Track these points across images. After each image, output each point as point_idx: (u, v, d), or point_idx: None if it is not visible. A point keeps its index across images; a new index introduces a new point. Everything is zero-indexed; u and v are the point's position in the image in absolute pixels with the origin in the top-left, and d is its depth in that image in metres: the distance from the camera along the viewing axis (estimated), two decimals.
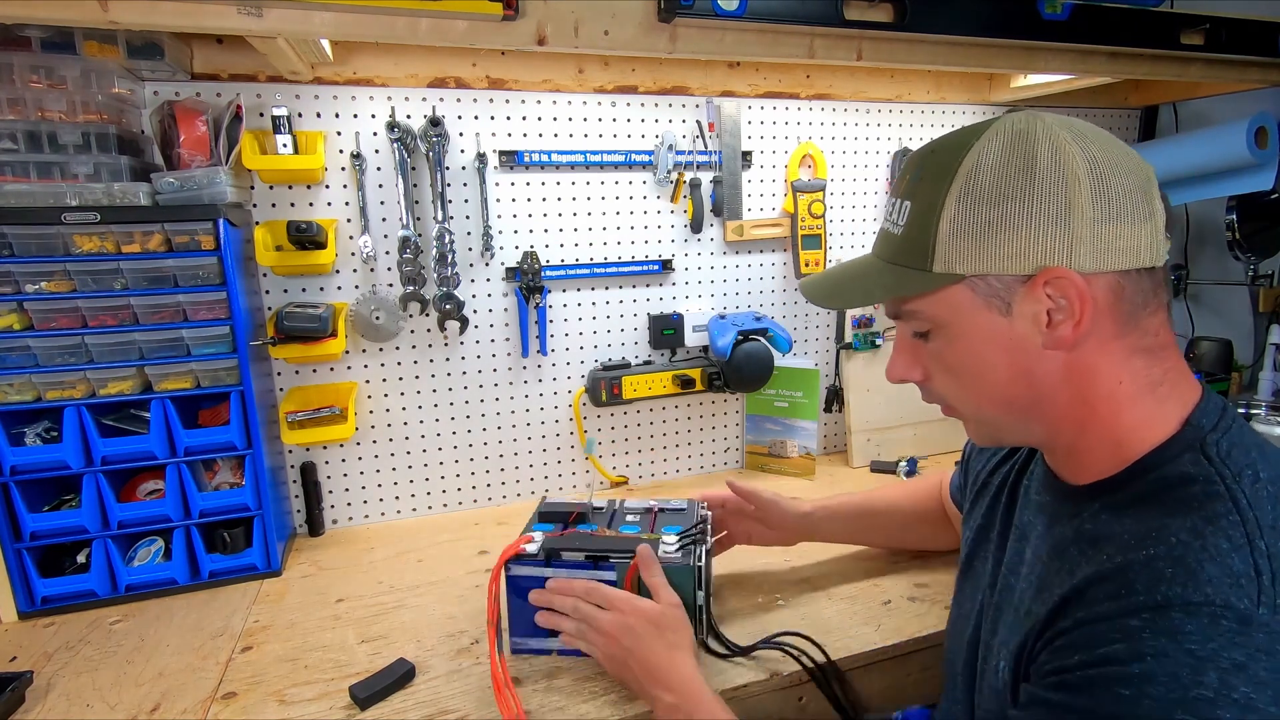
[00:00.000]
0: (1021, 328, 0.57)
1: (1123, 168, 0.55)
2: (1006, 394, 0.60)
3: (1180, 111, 1.85)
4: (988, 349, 0.59)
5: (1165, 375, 0.58)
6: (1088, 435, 0.59)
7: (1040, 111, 0.58)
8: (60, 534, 1.05)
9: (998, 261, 0.56)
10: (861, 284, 0.65)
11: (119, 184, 1.03)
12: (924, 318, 0.61)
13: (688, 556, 0.89)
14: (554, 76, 1.34)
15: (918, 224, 0.59)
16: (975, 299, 0.57)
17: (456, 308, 1.31)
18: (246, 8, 0.83)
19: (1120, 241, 0.54)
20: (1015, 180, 0.54)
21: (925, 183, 0.59)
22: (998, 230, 0.55)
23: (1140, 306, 0.57)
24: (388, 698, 0.85)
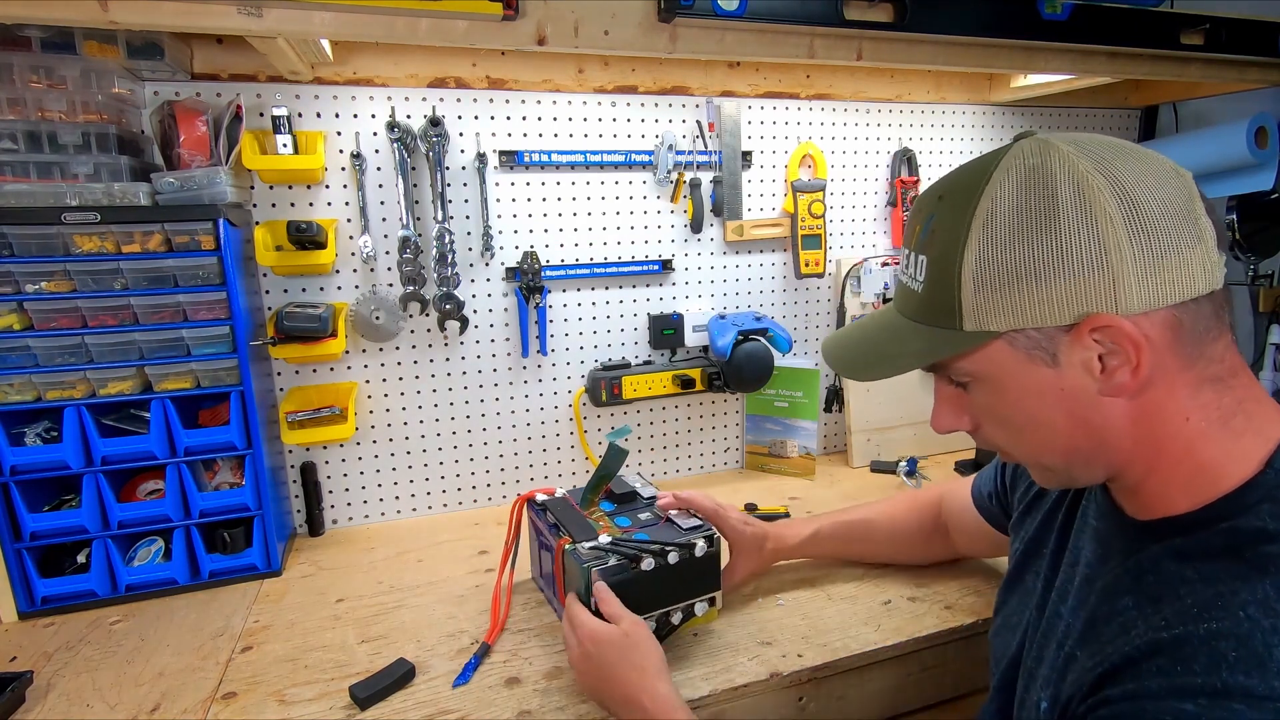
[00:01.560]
0: (1073, 377, 0.52)
1: (1157, 189, 0.50)
2: (1067, 444, 0.56)
3: (1180, 111, 1.85)
4: (1038, 402, 0.54)
5: (1239, 405, 0.53)
6: (1155, 475, 0.55)
7: (1051, 138, 0.54)
8: (60, 534, 1.05)
9: (1033, 313, 0.51)
10: (891, 351, 0.60)
11: (119, 184, 1.03)
12: (964, 373, 0.57)
13: (595, 561, 0.86)
14: (554, 76, 1.34)
15: (938, 281, 0.54)
16: (1016, 353, 0.53)
17: (456, 308, 1.31)
18: (246, 8, 0.83)
19: (1169, 273, 0.49)
20: (1039, 226, 0.50)
21: (938, 235, 0.55)
22: (1027, 281, 0.51)
23: (1203, 334, 0.52)
24: (388, 698, 0.85)
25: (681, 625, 0.93)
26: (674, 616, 0.91)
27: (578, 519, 0.97)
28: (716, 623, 0.97)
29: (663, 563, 0.89)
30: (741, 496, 1.40)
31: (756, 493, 1.43)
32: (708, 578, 0.93)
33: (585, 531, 0.93)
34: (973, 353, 0.55)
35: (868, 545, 1.08)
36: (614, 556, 0.87)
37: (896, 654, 0.92)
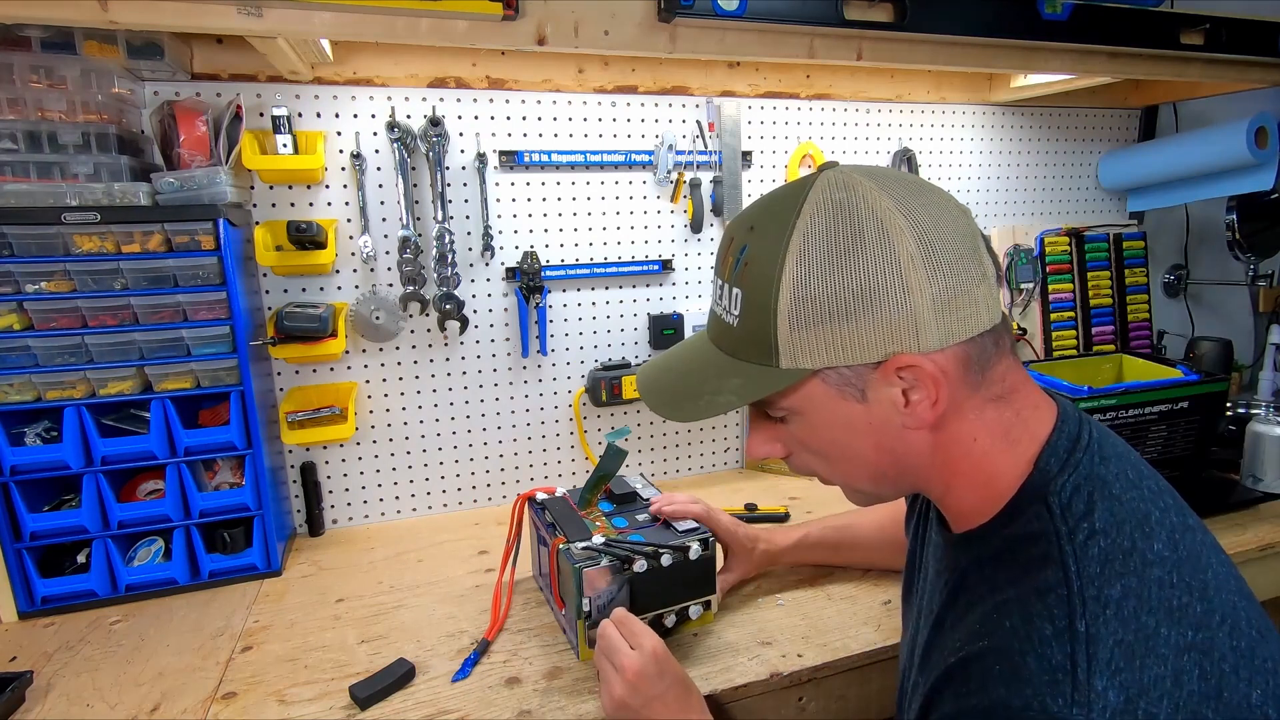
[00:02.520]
0: (880, 412, 0.55)
1: (949, 229, 0.53)
2: (874, 472, 0.59)
3: (1180, 111, 1.85)
4: (849, 434, 0.57)
5: (1017, 416, 0.57)
6: (953, 492, 0.59)
7: (853, 172, 0.55)
8: (60, 534, 1.05)
9: (844, 352, 0.53)
10: (708, 389, 0.60)
11: (119, 184, 1.03)
12: (778, 407, 0.59)
13: (588, 562, 0.87)
14: (554, 76, 1.34)
15: (754, 318, 0.55)
16: (828, 389, 0.55)
17: (456, 308, 1.31)
18: (246, 8, 0.84)
19: (960, 311, 0.52)
20: (847, 265, 0.51)
21: (752, 268, 0.55)
22: (839, 321, 0.52)
23: (986, 361, 0.55)
24: (388, 698, 0.85)
25: (676, 628, 0.93)
26: (667, 619, 0.91)
27: (574, 519, 0.97)
28: (717, 623, 0.97)
29: (655, 565, 0.89)
30: (741, 496, 1.40)
31: (756, 493, 1.43)
32: (703, 581, 0.93)
33: (580, 531, 0.93)
34: (789, 390, 0.56)
35: (855, 552, 1.07)
36: (606, 557, 0.87)
37: (896, 654, 0.92)
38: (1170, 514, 0.54)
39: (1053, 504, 0.53)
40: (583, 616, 0.87)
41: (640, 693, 0.72)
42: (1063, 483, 0.54)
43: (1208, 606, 0.49)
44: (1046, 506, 0.53)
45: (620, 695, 0.72)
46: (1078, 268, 1.71)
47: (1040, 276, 1.66)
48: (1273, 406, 1.59)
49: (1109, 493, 0.53)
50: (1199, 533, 0.54)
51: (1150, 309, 1.80)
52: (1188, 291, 1.97)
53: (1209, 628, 0.48)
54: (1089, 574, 0.49)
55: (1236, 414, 1.59)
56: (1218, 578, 0.52)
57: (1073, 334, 1.71)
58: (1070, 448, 0.56)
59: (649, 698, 0.72)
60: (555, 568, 0.93)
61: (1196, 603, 0.49)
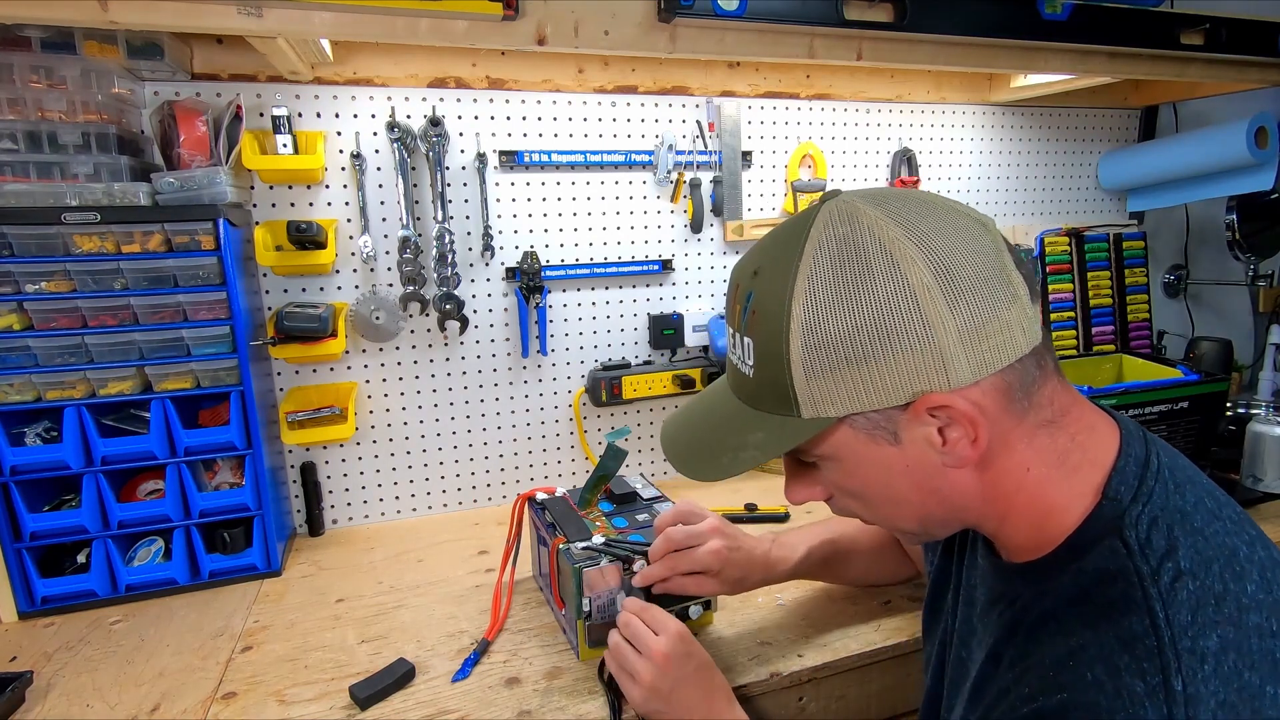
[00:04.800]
0: (916, 453, 0.52)
1: (968, 250, 0.49)
2: (919, 513, 0.56)
3: (1180, 111, 1.85)
4: (887, 478, 0.54)
5: (1073, 440, 0.53)
6: (1009, 524, 0.55)
7: (856, 201, 0.51)
8: (60, 534, 1.05)
9: (867, 397, 0.49)
10: (732, 443, 0.57)
11: (119, 184, 1.03)
12: (810, 455, 0.56)
13: (587, 562, 0.87)
14: (554, 76, 1.34)
15: (768, 367, 0.52)
16: (858, 434, 0.52)
17: (456, 308, 1.31)
18: (246, 8, 0.84)
19: (992, 339, 0.48)
20: (858, 307, 0.48)
21: (760, 317, 0.52)
22: (856, 364, 0.49)
23: (1030, 386, 0.51)
24: (388, 698, 0.85)
25: None
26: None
27: (574, 519, 0.97)
28: (717, 623, 0.97)
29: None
30: (741, 497, 1.40)
31: (756, 493, 1.43)
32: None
33: (580, 531, 0.93)
34: (818, 438, 0.53)
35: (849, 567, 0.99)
36: (606, 557, 0.87)
37: (896, 654, 0.92)
38: (1257, 548, 0.50)
39: (1129, 538, 0.49)
40: (583, 616, 0.87)
41: (669, 676, 0.72)
42: (1137, 514, 0.49)
43: None
44: (1123, 541, 0.49)
45: (650, 680, 0.72)
46: (1078, 268, 1.71)
47: (1040, 276, 1.66)
48: (1273, 406, 1.59)
49: (1191, 526, 0.49)
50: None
51: (1150, 309, 1.80)
52: (1188, 291, 1.97)
53: None
54: (1180, 623, 0.44)
55: (1236, 414, 1.59)
56: None
57: (1073, 334, 1.71)
58: (1140, 474, 0.52)
59: (677, 679, 0.72)
60: (555, 568, 0.93)
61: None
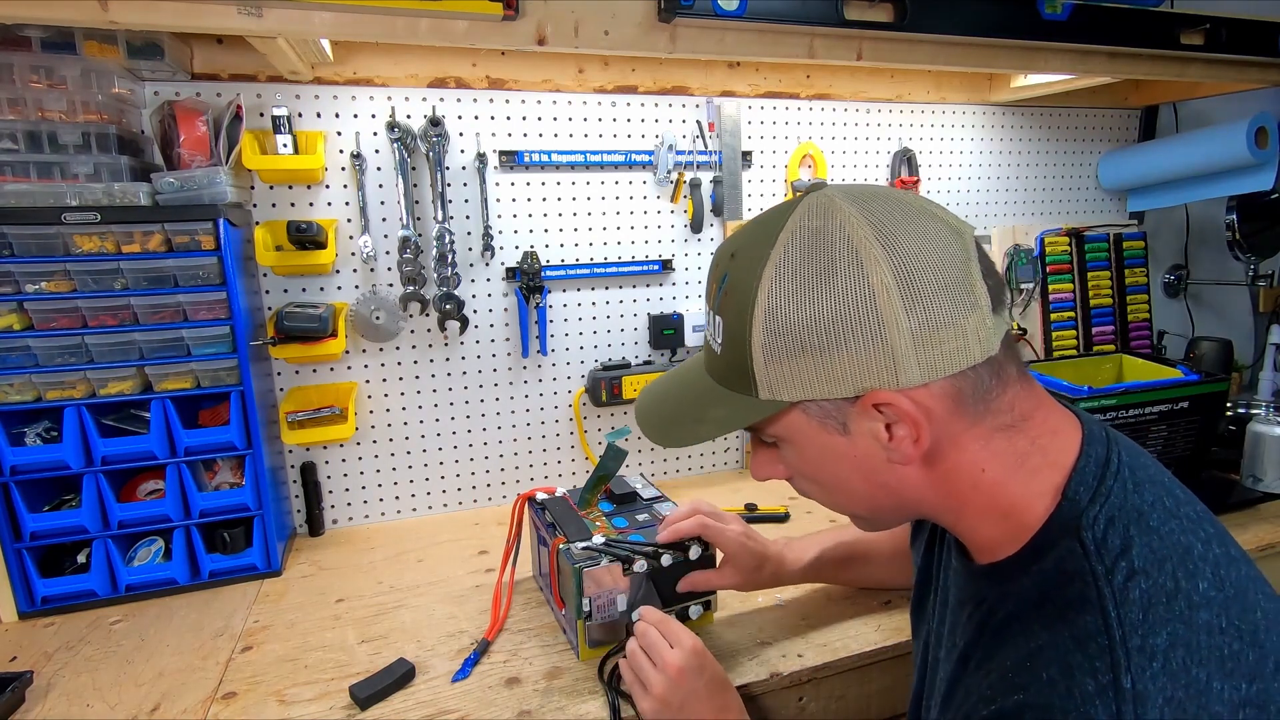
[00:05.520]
0: (863, 445, 0.53)
1: (936, 257, 0.49)
2: (869, 503, 0.58)
3: (1180, 111, 1.85)
4: (838, 466, 0.56)
5: (1033, 444, 0.53)
6: (966, 521, 0.56)
7: (835, 196, 0.52)
8: (60, 534, 1.05)
9: (818, 386, 0.51)
10: (694, 415, 0.60)
11: (119, 184, 1.03)
12: (769, 435, 0.58)
13: (588, 562, 0.87)
14: (554, 76, 1.34)
15: (733, 347, 0.55)
16: (810, 420, 0.54)
17: (456, 308, 1.31)
18: (246, 8, 0.84)
19: (945, 345, 0.49)
20: (819, 299, 0.49)
21: (731, 297, 0.54)
22: (810, 355, 0.50)
23: (985, 394, 0.52)
24: (388, 698, 0.85)
25: None
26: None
27: (574, 519, 0.97)
28: (716, 623, 0.97)
29: (655, 565, 0.89)
30: (741, 497, 1.40)
31: (756, 493, 1.43)
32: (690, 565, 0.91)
33: (580, 531, 0.93)
34: (772, 419, 0.56)
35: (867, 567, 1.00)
36: (606, 557, 0.87)
37: (896, 654, 0.92)
38: (1213, 545, 0.50)
39: (1086, 539, 0.49)
40: (583, 616, 0.87)
41: (681, 689, 0.73)
42: (1094, 515, 0.50)
43: (1260, 653, 0.46)
44: (1080, 542, 0.50)
45: (662, 692, 0.73)
46: (1078, 268, 1.71)
47: (1040, 276, 1.66)
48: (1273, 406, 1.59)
49: (1146, 525, 0.50)
50: (1243, 564, 0.50)
51: (1150, 309, 1.80)
52: (1188, 291, 1.97)
53: (1263, 677, 0.45)
54: (1131, 621, 0.46)
55: (1236, 414, 1.59)
56: (1267, 617, 0.48)
57: (1073, 334, 1.71)
58: (1099, 474, 0.52)
59: (688, 694, 0.73)
60: (555, 568, 0.93)
61: (1249, 649, 0.45)
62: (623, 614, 0.88)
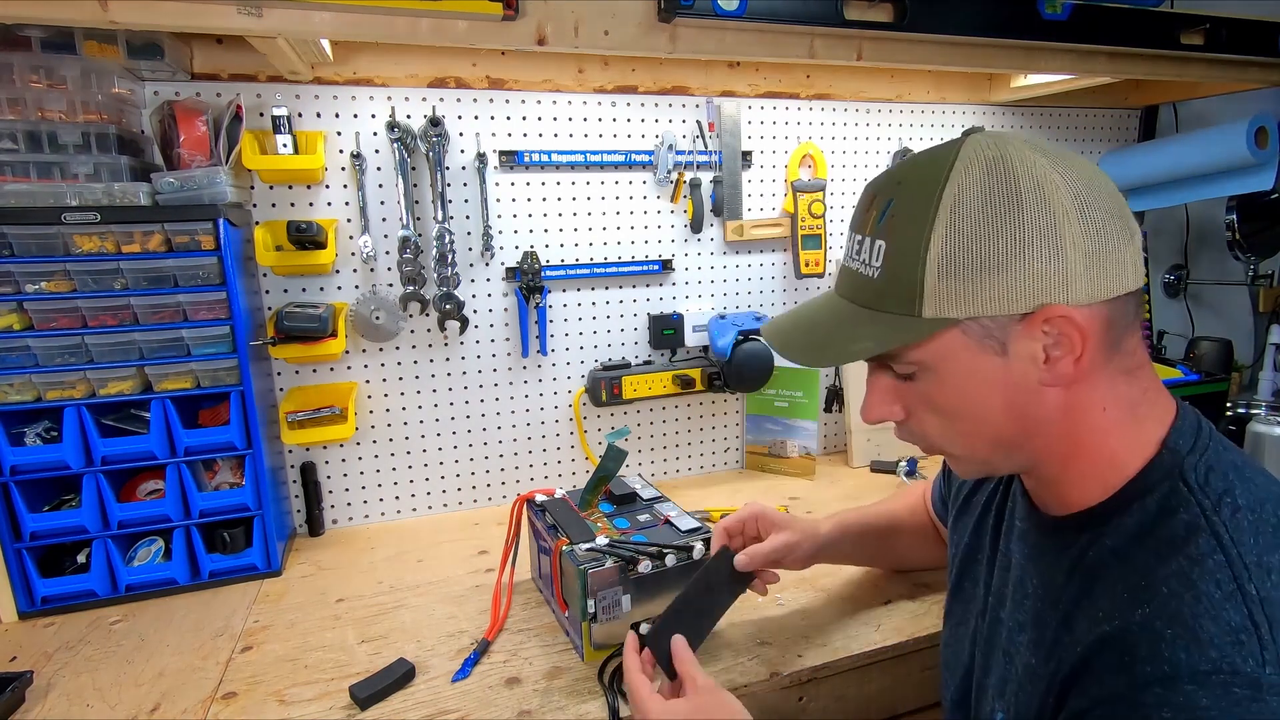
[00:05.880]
0: (1019, 367, 0.54)
1: (1101, 191, 0.53)
2: (999, 432, 0.57)
3: (1180, 111, 1.85)
4: (982, 390, 0.56)
5: (1144, 394, 0.57)
6: (1073, 466, 0.58)
7: (1004, 134, 0.56)
8: (60, 534, 1.05)
9: (992, 302, 0.52)
10: (842, 337, 0.59)
11: (119, 184, 1.03)
12: (911, 362, 0.57)
13: (592, 563, 0.86)
14: (554, 76, 1.34)
15: (899, 266, 0.55)
16: (968, 342, 0.54)
17: (456, 308, 1.31)
18: (246, 8, 0.83)
19: (1111, 269, 0.52)
20: (1003, 215, 0.52)
21: (900, 219, 0.55)
22: (990, 270, 0.52)
23: (1124, 328, 0.55)
24: (388, 698, 0.85)
25: None
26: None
27: (576, 520, 0.97)
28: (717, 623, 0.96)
29: (660, 565, 0.89)
30: (741, 497, 1.40)
31: (756, 493, 1.43)
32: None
33: (583, 533, 0.93)
34: (926, 341, 0.55)
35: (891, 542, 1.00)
36: (611, 559, 0.87)
37: (896, 654, 0.92)
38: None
39: (1190, 479, 0.53)
40: (588, 618, 0.87)
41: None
42: (1195, 462, 0.54)
43: None
44: (1184, 482, 0.53)
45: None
46: None
47: None
48: (1273, 406, 1.59)
49: (1243, 475, 0.53)
50: None
51: (1150, 309, 1.80)
52: (1188, 291, 1.97)
53: None
54: (1244, 543, 0.49)
55: (1236, 414, 1.59)
56: None
57: None
58: (1196, 432, 0.56)
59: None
60: (558, 569, 0.93)
61: None
62: (627, 615, 0.88)
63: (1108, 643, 0.50)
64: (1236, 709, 0.43)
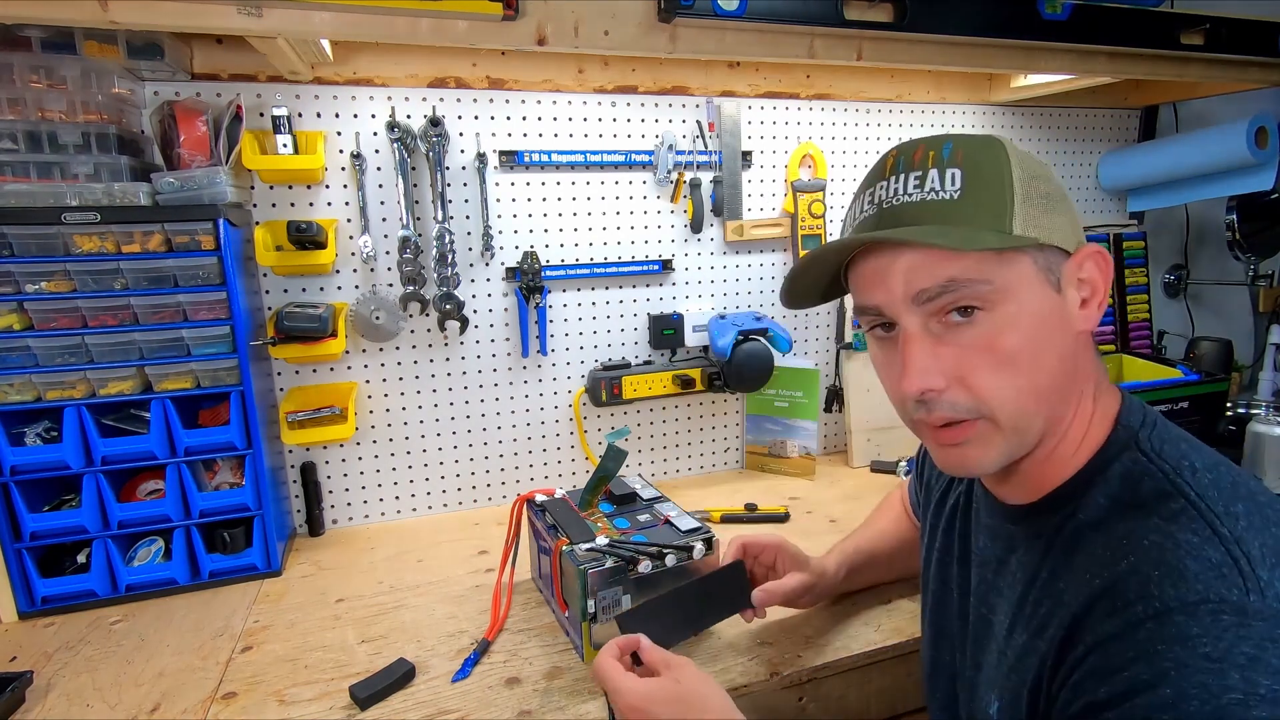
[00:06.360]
0: (1068, 306, 0.57)
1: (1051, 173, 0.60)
2: (1048, 382, 0.56)
3: (1180, 111, 1.85)
4: (1043, 328, 0.56)
5: (1103, 375, 0.61)
6: (1048, 443, 0.59)
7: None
8: (60, 534, 1.05)
9: (1059, 234, 0.56)
10: (954, 234, 0.54)
11: (119, 184, 1.03)
12: (990, 284, 0.54)
13: (592, 564, 0.86)
14: (554, 76, 1.34)
15: (985, 187, 0.55)
16: (1037, 272, 0.56)
17: (456, 308, 1.31)
18: (246, 8, 0.84)
19: (1081, 231, 0.60)
20: (1043, 168, 0.58)
21: (971, 152, 0.56)
22: (1054, 204, 0.57)
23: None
24: (388, 698, 0.85)
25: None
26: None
27: (576, 520, 0.97)
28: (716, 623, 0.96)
29: (660, 565, 0.89)
30: (741, 497, 1.40)
31: (756, 493, 1.43)
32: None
33: (583, 533, 0.93)
34: (1011, 258, 0.55)
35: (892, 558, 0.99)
36: (611, 559, 0.87)
37: (896, 654, 0.92)
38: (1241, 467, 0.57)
39: (1146, 449, 0.56)
40: (588, 618, 0.87)
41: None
42: (1148, 435, 0.57)
43: None
44: (1141, 452, 0.56)
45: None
46: None
47: None
48: (1273, 406, 1.59)
49: (1194, 445, 0.57)
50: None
51: (1150, 309, 1.80)
52: (1188, 291, 1.97)
53: None
54: (1210, 496, 0.52)
55: (1236, 414, 1.59)
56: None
57: None
58: (1143, 411, 0.60)
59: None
60: (558, 569, 0.93)
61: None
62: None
63: (1098, 595, 0.51)
64: (1226, 635, 0.45)
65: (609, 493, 1.06)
